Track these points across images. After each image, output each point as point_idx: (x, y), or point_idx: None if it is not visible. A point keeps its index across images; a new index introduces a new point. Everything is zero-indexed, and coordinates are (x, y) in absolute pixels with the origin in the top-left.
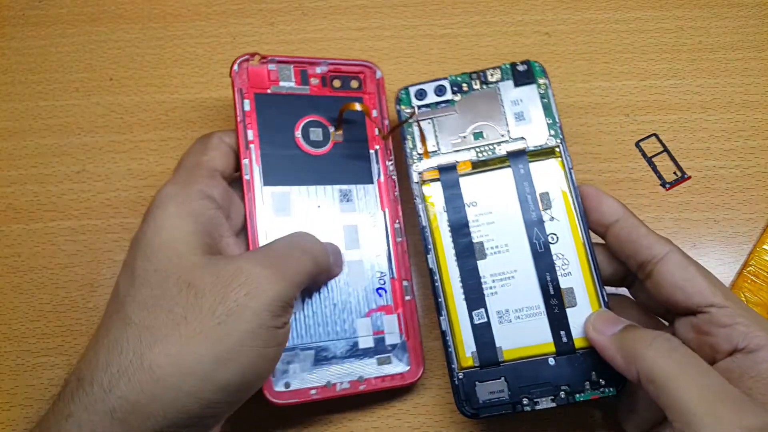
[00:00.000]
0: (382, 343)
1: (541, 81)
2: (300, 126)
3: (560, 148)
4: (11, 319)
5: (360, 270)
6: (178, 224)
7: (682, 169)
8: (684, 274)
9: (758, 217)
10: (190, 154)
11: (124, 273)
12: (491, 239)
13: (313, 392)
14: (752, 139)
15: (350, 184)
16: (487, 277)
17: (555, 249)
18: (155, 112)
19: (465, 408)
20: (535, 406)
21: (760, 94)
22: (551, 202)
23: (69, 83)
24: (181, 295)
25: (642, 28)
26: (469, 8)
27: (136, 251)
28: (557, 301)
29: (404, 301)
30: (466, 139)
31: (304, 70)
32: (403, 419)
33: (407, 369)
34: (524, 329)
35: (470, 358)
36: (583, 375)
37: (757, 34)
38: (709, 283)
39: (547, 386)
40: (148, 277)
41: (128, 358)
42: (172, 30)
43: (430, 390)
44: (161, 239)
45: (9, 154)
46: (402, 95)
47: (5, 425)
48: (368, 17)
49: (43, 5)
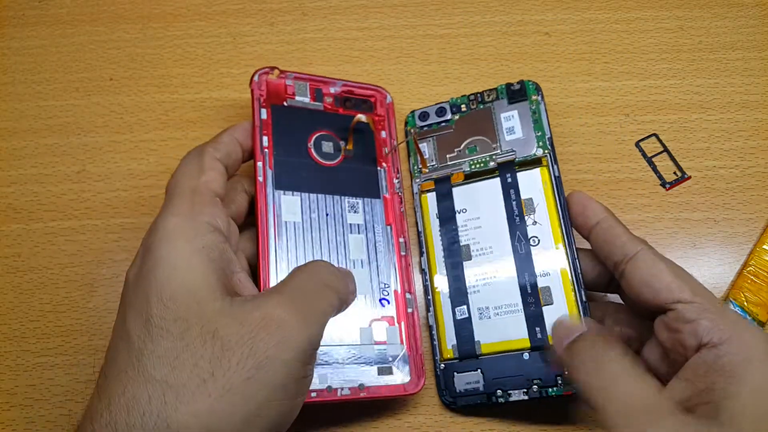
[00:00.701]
0: (384, 353)
1: (534, 98)
2: (312, 138)
3: (548, 158)
4: (11, 319)
5: (365, 280)
6: (192, 264)
7: (682, 169)
8: (652, 270)
9: (758, 217)
10: (184, 176)
11: (136, 319)
12: (477, 242)
13: (314, 395)
14: (752, 139)
15: (358, 197)
16: (471, 277)
17: (535, 251)
18: (155, 112)
19: (444, 396)
20: (508, 398)
21: (760, 94)
22: (535, 208)
23: (69, 83)
24: (206, 348)
25: (642, 28)
26: (469, 8)
27: (148, 295)
28: (534, 299)
29: (407, 313)
30: (460, 153)
31: (319, 88)
32: (403, 419)
33: (408, 380)
34: (502, 325)
35: (451, 350)
36: (556, 371)
37: (757, 34)
38: (675, 278)
39: (521, 380)
40: (167, 327)
41: (152, 421)
42: (172, 30)
43: (430, 390)
44: (177, 283)
45: (9, 154)
46: (409, 118)
47: (5, 425)
48: (368, 17)
49: (43, 5)
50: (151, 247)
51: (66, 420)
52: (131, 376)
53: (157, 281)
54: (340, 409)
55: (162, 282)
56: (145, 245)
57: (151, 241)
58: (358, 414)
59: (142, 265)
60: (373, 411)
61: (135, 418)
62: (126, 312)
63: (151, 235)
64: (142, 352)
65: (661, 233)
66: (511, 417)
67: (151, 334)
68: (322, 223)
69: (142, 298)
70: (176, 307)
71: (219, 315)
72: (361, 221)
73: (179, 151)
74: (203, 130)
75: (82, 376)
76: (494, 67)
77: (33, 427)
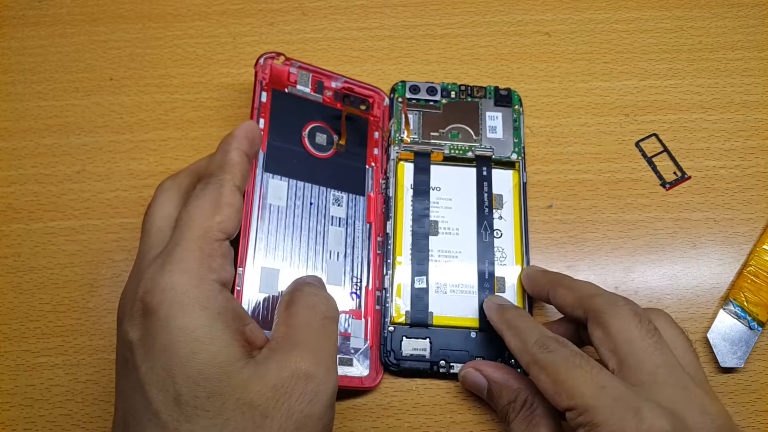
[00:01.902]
0: (347, 345)
1: (516, 107)
2: (308, 128)
3: (520, 164)
4: (11, 319)
5: (339, 272)
6: (214, 335)
7: (682, 169)
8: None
9: (758, 217)
10: (198, 209)
11: (162, 397)
12: (446, 221)
13: None
14: (752, 139)
15: (344, 191)
16: (434, 251)
17: (498, 242)
18: (155, 112)
19: (389, 358)
20: (450, 369)
21: (760, 94)
22: (503, 204)
23: (69, 83)
24: (246, 419)
25: (642, 28)
26: (469, 8)
27: (172, 373)
28: (489, 285)
29: (375, 310)
30: (443, 135)
31: (321, 81)
32: (403, 419)
33: (366, 374)
34: (456, 302)
35: (403, 315)
36: (498, 352)
37: (757, 34)
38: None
39: (465, 355)
40: (202, 405)
41: None
42: (172, 30)
43: (430, 390)
44: (204, 358)
45: (9, 154)
46: (398, 86)
47: (5, 425)
48: (368, 17)
49: (43, 5)
50: (159, 313)
51: (66, 420)
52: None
53: (179, 357)
54: (339, 408)
55: (186, 357)
56: (149, 305)
57: (157, 303)
58: (359, 414)
59: (150, 329)
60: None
61: None
62: (145, 387)
63: (154, 294)
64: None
65: (661, 233)
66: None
67: (186, 414)
68: (305, 211)
69: (163, 374)
70: (207, 383)
71: (250, 382)
72: (343, 215)
73: (179, 151)
74: (203, 130)
75: (82, 376)
76: (494, 67)
77: (33, 427)
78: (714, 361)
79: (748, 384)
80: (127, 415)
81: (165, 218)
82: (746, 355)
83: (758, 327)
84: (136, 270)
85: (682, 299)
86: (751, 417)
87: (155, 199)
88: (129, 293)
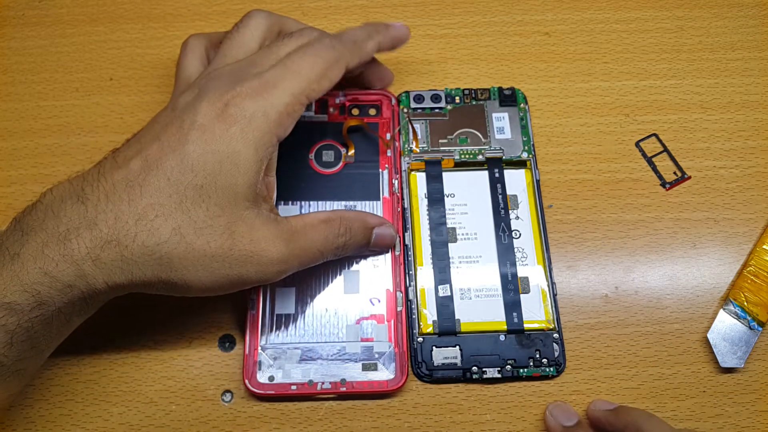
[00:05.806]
0: (370, 351)
1: (522, 105)
2: (314, 149)
3: (531, 162)
4: None
5: (355, 279)
6: (250, 168)
7: (682, 169)
8: None
9: (758, 217)
10: (309, 66)
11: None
12: (463, 227)
13: (294, 388)
14: (752, 139)
15: (356, 200)
16: (455, 258)
17: (517, 243)
18: (155, 112)
19: (421, 369)
20: (483, 374)
21: (760, 94)
22: (518, 204)
23: (69, 83)
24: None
25: (642, 28)
26: (469, 8)
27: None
28: (513, 286)
29: (396, 312)
30: (452, 141)
31: (325, 100)
32: (403, 419)
33: (392, 377)
34: (482, 307)
35: (431, 325)
36: (528, 353)
37: (757, 34)
38: None
39: (496, 359)
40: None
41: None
42: (172, 30)
43: (430, 390)
44: (233, 170)
45: (9, 154)
46: (402, 97)
47: (5, 425)
48: (368, 17)
49: (43, 5)
50: (234, 125)
51: (66, 420)
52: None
53: (217, 155)
54: (339, 408)
55: (220, 163)
56: (230, 114)
57: (237, 116)
58: (359, 414)
59: (215, 127)
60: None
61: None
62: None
63: (239, 109)
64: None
65: (661, 233)
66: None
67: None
68: None
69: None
70: (219, 178)
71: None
72: None
73: None
74: None
75: (82, 376)
76: (494, 67)
77: (33, 427)
78: (714, 361)
79: (748, 384)
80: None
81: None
82: (746, 355)
83: (758, 327)
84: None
85: (682, 299)
86: (751, 417)
87: (183, 55)
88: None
